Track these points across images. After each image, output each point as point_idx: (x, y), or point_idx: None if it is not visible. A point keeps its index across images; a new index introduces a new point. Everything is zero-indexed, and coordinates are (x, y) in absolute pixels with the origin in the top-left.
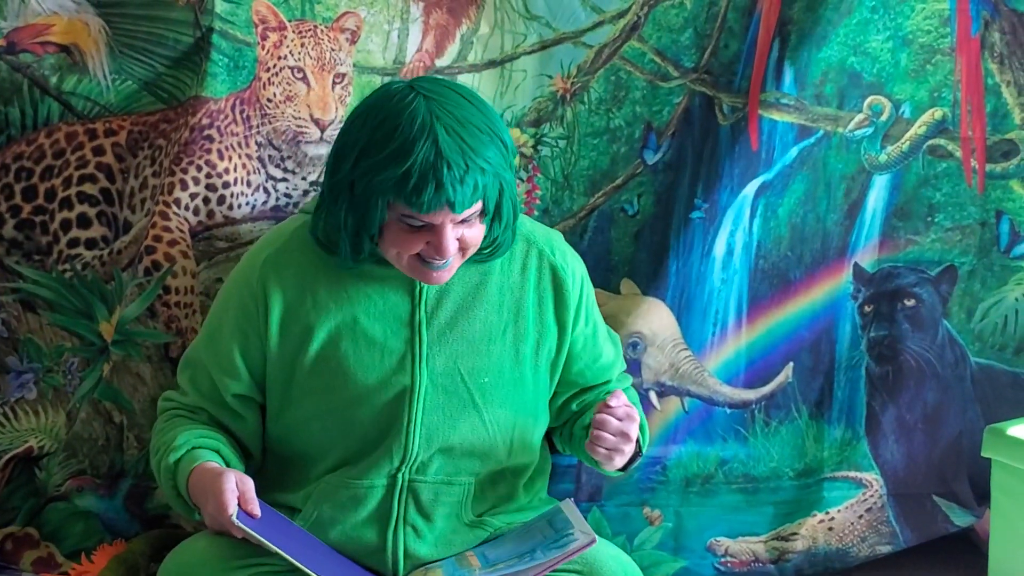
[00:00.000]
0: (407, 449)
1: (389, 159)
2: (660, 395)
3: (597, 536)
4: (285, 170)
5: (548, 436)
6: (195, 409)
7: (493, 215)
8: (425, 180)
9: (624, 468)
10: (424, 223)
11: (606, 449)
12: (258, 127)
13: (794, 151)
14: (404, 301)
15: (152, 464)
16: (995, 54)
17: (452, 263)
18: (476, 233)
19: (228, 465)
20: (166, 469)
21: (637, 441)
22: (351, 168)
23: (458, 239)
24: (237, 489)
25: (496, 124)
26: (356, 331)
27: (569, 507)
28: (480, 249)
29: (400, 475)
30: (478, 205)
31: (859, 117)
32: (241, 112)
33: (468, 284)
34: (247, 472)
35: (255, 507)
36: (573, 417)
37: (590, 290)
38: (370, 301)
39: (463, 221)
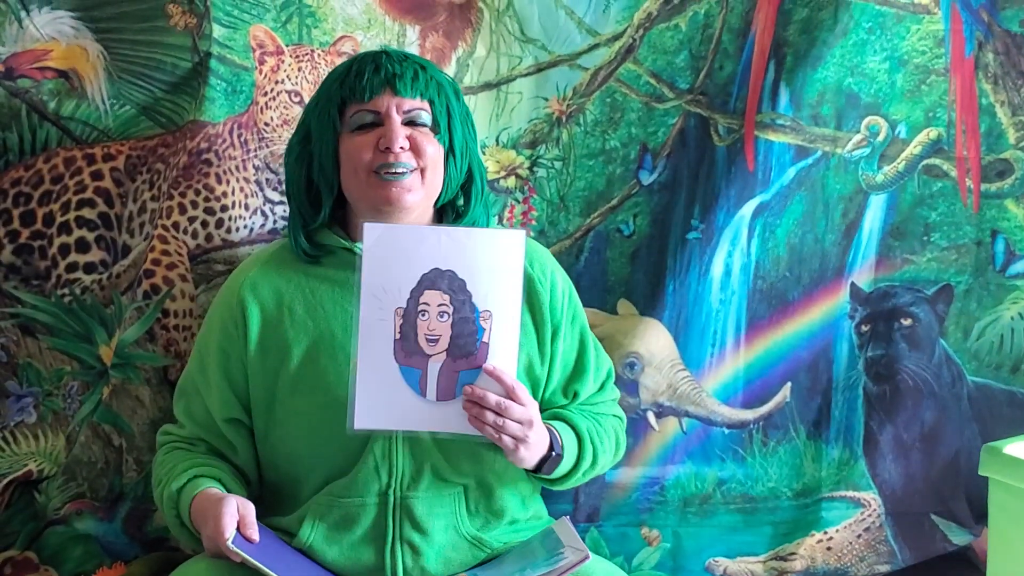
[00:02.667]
0: (392, 464)
1: (337, 74)
2: (658, 416)
3: (592, 553)
4: (282, 193)
5: None
6: (193, 440)
7: (451, 145)
8: (364, 65)
9: (542, 469)
10: (371, 114)
11: (490, 427)
12: (256, 151)
13: (792, 172)
14: None
15: (155, 496)
16: (989, 74)
17: (410, 180)
18: (428, 141)
19: (229, 492)
20: (169, 498)
21: (557, 443)
22: (306, 119)
23: (409, 139)
24: (237, 513)
25: (455, 86)
26: (334, 345)
27: (563, 526)
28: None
29: (391, 493)
30: (424, 104)
31: (857, 138)
32: (239, 136)
33: None
34: (249, 499)
35: (254, 532)
36: None
37: (576, 307)
38: (347, 314)
39: (411, 122)
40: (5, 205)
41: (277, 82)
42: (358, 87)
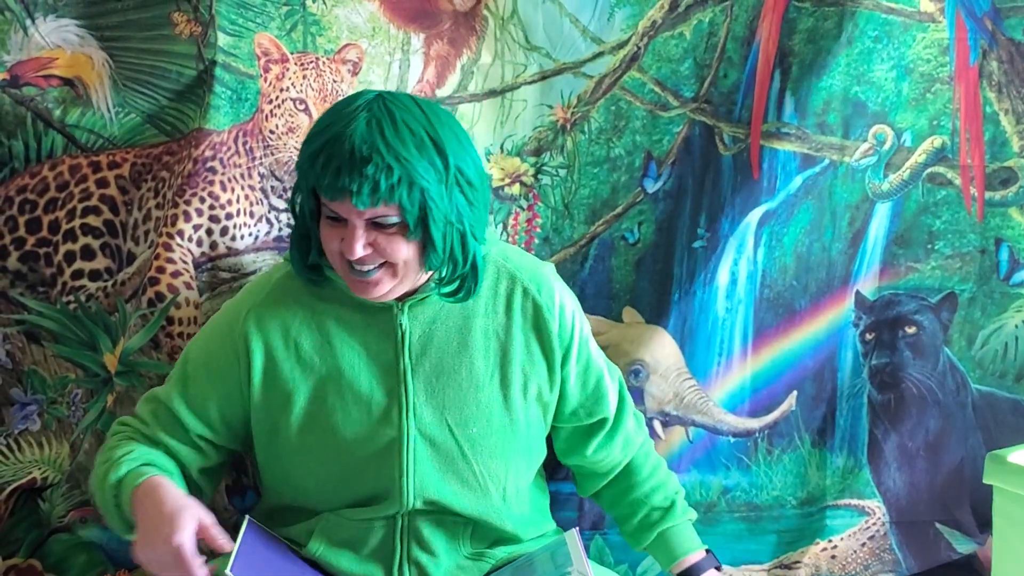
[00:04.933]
0: (401, 501)
1: (311, 138)
2: (664, 424)
3: (600, 566)
4: (288, 200)
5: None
6: (153, 440)
7: (425, 240)
8: (329, 160)
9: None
10: (335, 213)
11: None
12: (261, 158)
13: (798, 180)
14: (388, 349)
15: (93, 479)
16: (993, 82)
17: (378, 276)
18: (394, 245)
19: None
20: (112, 482)
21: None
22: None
23: (372, 244)
24: (198, 524)
25: (443, 142)
26: (342, 384)
27: (573, 540)
28: (443, 288)
29: (399, 515)
30: (389, 210)
31: (864, 146)
32: (244, 144)
33: (451, 328)
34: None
35: (225, 542)
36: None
37: (583, 326)
38: (354, 352)
39: (377, 225)
40: (11, 212)
41: (282, 90)
42: (322, 183)
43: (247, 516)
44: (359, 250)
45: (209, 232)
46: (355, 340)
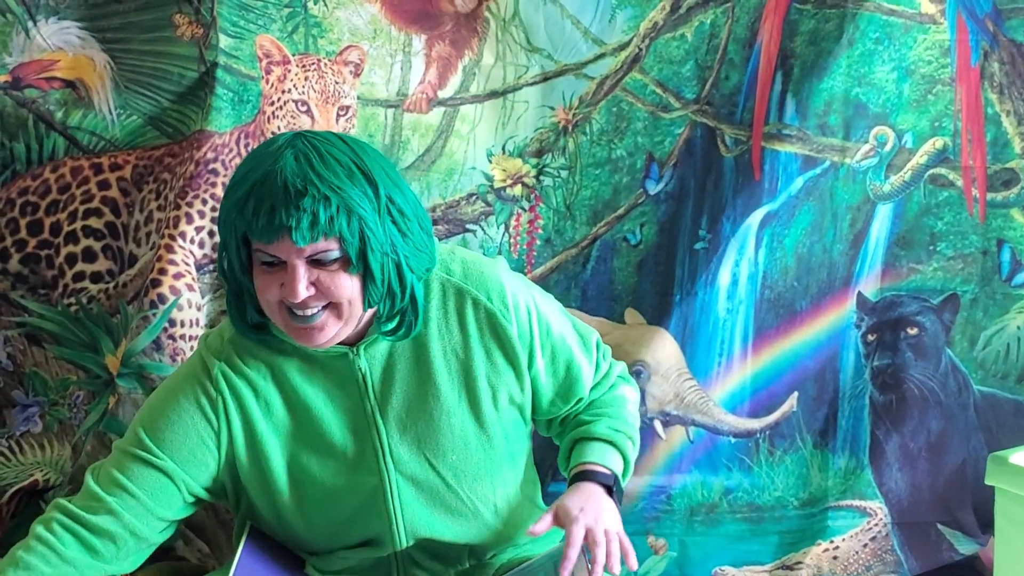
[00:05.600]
0: (394, 543)
1: (234, 186)
2: (665, 424)
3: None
4: None
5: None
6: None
7: (365, 273)
8: (261, 202)
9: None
10: (272, 257)
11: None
12: None
13: (800, 181)
14: (351, 394)
15: None
16: (995, 84)
17: (322, 320)
18: (337, 282)
19: None
20: None
21: (616, 480)
22: (219, 224)
23: (314, 284)
24: None
25: (371, 171)
26: (313, 438)
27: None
28: (384, 327)
29: (393, 553)
30: (329, 244)
31: (865, 148)
32: (246, 145)
33: (410, 360)
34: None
35: None
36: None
37: (539, 313)
38: (319, 403)
39: (317, 263)
40: (12, 215)
41: (284, 91)
42: (255, 227)
43: (248, 523)
44: (302, 291)
45: (211, 234)
46: (319, 390)
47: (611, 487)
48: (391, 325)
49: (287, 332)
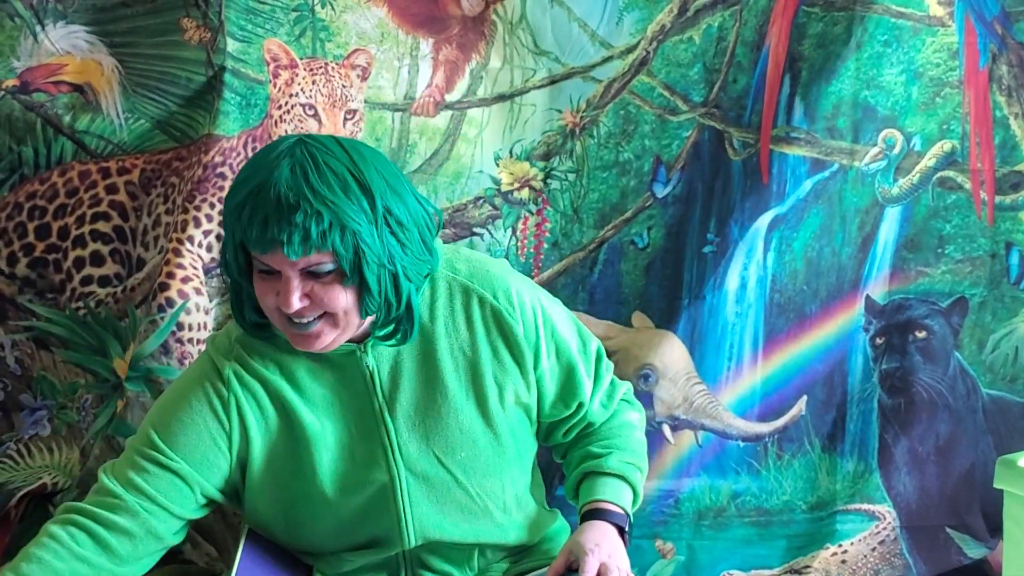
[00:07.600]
0: (402, 543)
1: (235, 190)
2: (674, 429)
3: None
4: None
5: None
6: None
7: (361, 285)
8: (255, 212)
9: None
10: (267, 267)
11: None
12: None
13: (808, 184)
14: (359, 391)
15: None
16: (1003, 87)
17: (319, 328)
18: (332, 294)
19: None
20: None
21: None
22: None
23: (308, 295)
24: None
25: (368, 182)
26: (324, 437)
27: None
28: (379, 332)
29: (401, 552)
30: (323, 258)
31: (874, 150)
32: (253, 149)
33: (418, 357)
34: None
35: None
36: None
37: (545, 313)
38: (327, 401)
39: (312, 275)
40: (20, 219)
41: (291, 95)
42: (250, 237)
43: (246, 526)
44: (295, 303)
45: (219, 238)
46: (327, 389)
47: (623, 528)
48: (386, 331)
49: (287, 336)
